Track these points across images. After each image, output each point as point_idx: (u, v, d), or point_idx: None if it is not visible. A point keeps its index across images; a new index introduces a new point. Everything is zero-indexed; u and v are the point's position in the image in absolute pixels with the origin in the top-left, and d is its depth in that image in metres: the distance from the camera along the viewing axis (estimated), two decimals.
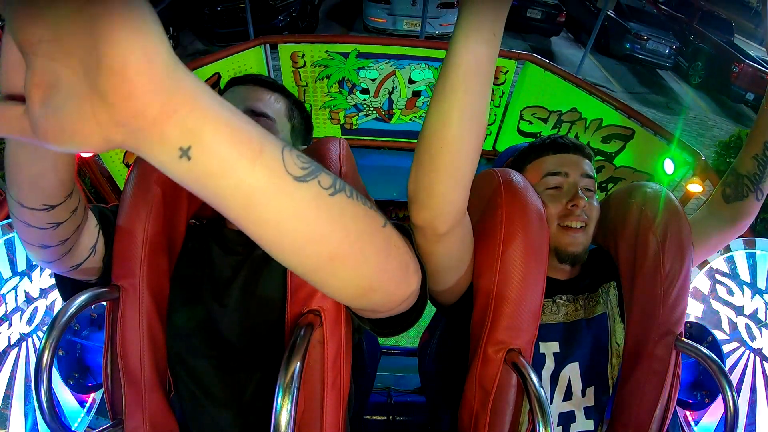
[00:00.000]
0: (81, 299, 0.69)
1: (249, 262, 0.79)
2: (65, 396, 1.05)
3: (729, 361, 1.20)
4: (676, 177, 2.47)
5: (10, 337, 1.02)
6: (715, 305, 1.28)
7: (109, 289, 0.72)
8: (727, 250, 1.28)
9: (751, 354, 1.18)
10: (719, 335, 1.22)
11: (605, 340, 0.89)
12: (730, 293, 1.25)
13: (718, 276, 1.29)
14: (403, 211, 3.17)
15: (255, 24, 4.95)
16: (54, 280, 0.89)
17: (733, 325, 1.23)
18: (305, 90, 3.27)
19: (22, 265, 1.07)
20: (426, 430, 1.22)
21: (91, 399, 1.10)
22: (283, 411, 0.53)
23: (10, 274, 1.04)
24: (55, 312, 0.73)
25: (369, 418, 1.32)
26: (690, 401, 1.15)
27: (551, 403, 0.84)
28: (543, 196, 0.88)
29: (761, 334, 1.16)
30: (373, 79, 3.27)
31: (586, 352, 0.87)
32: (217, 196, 0.31)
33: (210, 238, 0.83)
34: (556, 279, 0.90)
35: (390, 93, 3.35)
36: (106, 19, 0.23)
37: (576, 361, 0.86)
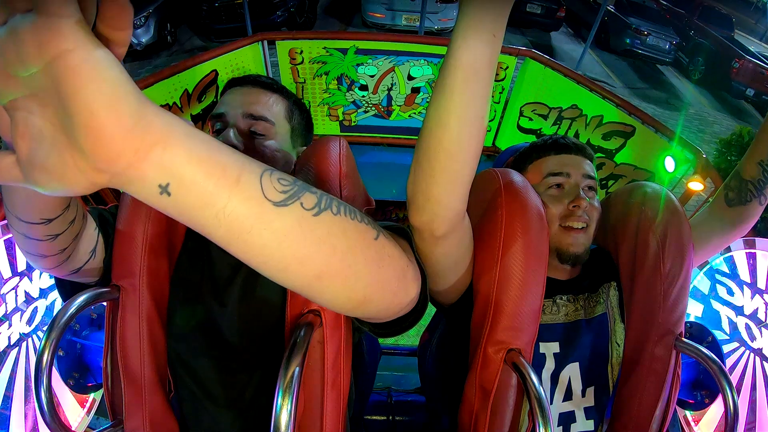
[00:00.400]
0: (81, 299, 0.69)
1: None
2: (65, 396, 1.05)
3: (729, 361, 1.20)
4: (676, 174, 2.45)
5: (10, 337, 1.02)
6: (715, 305, 1.28)
7: (109, 289, 0.72)
8: (727, 250, 1.27)
9: (751, 354, 1.18)
10: (719, 335, 1.22)
11: (605, 340, 0.89)
12: (730, 293, 1.25)
13: (718, 276, 1.29)
14: (403, 211, 3.16)
15: (253, 20, 4.93)
16: (54, 280, 0.89)
17: (733, 325, 1.23)
18: (303, 87, 3.25)
19: (22, 265, 1.07)
20: (426, 430, 1.22)
21: (91, 399, 1.10)
22: (283, 411, 0.53)
23: (10, 274, 1.04)
24: (55, 312, 0.72)
25: (369, 418, 1.32)
26: (690, 401, 1.15)
27: (551, 404, 0.85)
28: (544, 196, 0.88)
29: (761, 334, 1.16)
30: (372, 76, 3.25)
31: (586, 352, 0.87)
32: (201, 226, 0.32)
33: None
34: (556, 279, 0.90)
35: (389, 89, 3.33)
36: (68, 74, 0.24)
37: (576, 361, 0.86)
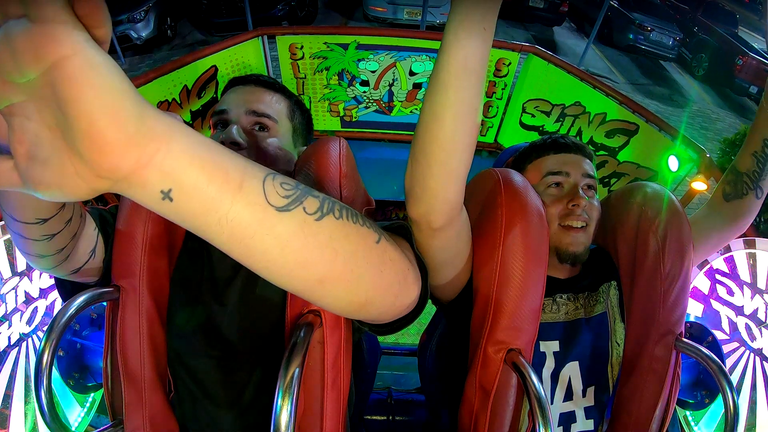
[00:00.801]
0: (81, 299, 0.69)
1: None
2: (65, 396, 1.05)
3: (729, 361, 1.20)
4: (680, 174, 2.43)
5: (10, 337, 1.02)
6: (715, 305, 1.28)
7: (109, 290, 0.72)
8: (727, 250, 1.27)
9: (751, 354, 1.18)
10: (719, 335, 1.22)
11: (605, 339, 0.89)
12: (730, 293, 1.25)
13: (718, 276, 1.28)
14: (404, 211, 3.14)
15: (253, 13, 4.90)
16: (54, 280, 0.89)
17: (733, 325, 1.23)
18: (304, 82, 3.23)
19: (22, 266, 1.07)
20: (426, 429, 1.23)
21: (91, 399, 1.10)
22: (283, 411, 0.53)
23: (10, 274, 1.04)
24: (55, 312, 0.72)
25: (369, 417, 1.32)
26: (690, 401, 1.15)
27: (552, 403, 0.85)
28: (544, 195, 0.88)
29: (761, 334, 1.16)
30: (373, 71, 3.23)
31: (586, 351, 0.87)
32: (203, 231, 0.32)
33: None
34: (556, 278, 0.90)
35: (390, 85, 3.31)
36: (66, 81, 0.24)
37: (576, 360, 0.86)
